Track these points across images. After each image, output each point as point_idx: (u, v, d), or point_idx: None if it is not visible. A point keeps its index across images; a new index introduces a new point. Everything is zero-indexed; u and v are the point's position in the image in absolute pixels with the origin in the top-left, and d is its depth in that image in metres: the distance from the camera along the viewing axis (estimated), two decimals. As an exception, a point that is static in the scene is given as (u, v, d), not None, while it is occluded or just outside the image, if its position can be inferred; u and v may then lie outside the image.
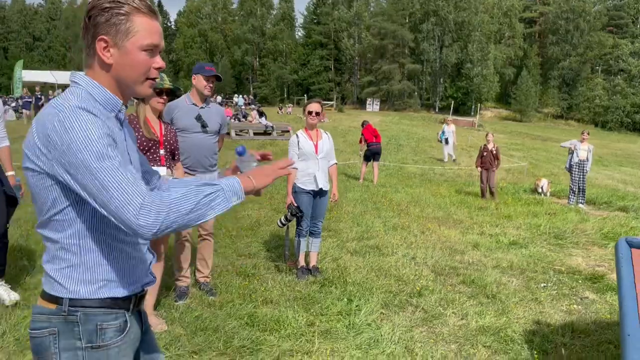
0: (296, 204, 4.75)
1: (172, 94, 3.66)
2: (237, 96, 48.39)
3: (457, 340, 3.72)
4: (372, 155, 12.23)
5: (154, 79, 1.42)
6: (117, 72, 1.36)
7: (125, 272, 1.40)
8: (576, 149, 10.60)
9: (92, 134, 1.22)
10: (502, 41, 60.31)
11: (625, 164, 23.82)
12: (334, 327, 3.76)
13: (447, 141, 17.86)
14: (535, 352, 3.53)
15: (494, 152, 10.75)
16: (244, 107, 35.39)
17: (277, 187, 9.33)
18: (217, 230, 5.70)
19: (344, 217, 7.73)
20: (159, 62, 1.40)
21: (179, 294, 4.14)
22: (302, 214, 4.75)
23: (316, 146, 4.82)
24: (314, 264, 5.04)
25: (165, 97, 3.53)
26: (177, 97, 3.97)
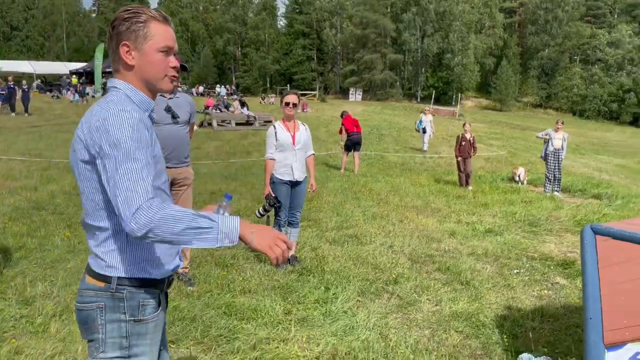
0: (274, 195, 4.79)
1: None
2: (220, 86, 47.97)
3: (430, 325, 3.82)
4: (352, 145, 12.28)
5: (173, 75, 1.63)
6: (140, 72, 1.59)
7: (162, 257, 1.63)
8: (551, 138, 10.80)
9: (128, 134, 1.43)
10: (482, 31, 60.75)
11: (601, 152, 24.34)
12: (311, 315, 3.83)
13: (425, 130, 17.93)
14: (505, 336, 3.64)
15: (471, 141, 11.00)
16: (226, 97, 35.11)
17: (258, 178, 9.34)
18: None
19: (324, 206, 7.80)
20: (173, 61, 1.63)
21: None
22: (280, 204, 4.78)
23: (293, 137, 4.85)
24: (292, 253, 5.10)
25: None
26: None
